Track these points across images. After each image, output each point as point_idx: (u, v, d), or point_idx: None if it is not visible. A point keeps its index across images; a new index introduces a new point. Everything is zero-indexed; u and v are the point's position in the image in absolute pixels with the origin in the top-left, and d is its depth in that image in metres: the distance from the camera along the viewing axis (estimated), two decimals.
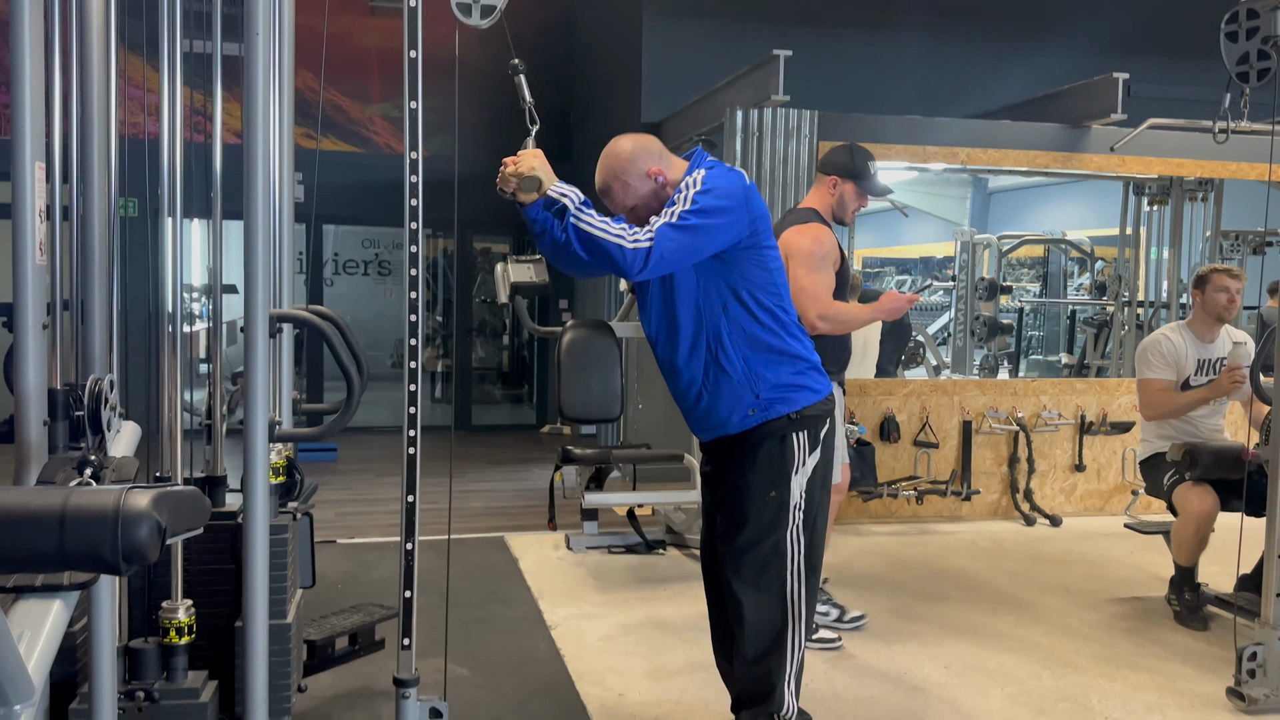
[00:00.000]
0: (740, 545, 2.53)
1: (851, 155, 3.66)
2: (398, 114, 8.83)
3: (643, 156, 2.53)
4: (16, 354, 1.58)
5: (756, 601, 2.52)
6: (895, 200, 9.02)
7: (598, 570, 4.69)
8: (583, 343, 4.72)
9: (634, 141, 2.56)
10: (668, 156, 2.57)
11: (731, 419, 2.53)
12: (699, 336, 2.51)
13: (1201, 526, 3.96)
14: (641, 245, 2.32)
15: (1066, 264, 10.25)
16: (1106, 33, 7.65)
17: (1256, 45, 3.75)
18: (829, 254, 3.56)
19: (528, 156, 2.43)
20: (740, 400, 2.51)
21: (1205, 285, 4.20)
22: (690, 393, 2.57)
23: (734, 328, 2.49)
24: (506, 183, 2.43)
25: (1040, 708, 3.23)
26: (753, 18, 7.19)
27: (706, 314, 2.49)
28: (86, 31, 2.04)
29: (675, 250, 2.35)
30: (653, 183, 2.51)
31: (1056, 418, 5.92)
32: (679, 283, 2.50)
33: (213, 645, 2.54)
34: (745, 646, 2.54)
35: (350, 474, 7.02)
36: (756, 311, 2.49)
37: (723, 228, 2.40)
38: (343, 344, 2.62)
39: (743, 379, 2.50)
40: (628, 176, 2.52)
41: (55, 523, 1.01)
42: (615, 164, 2.53)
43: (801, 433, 2.52)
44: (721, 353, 2.49)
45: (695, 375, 2.54)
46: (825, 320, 3.49)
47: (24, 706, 1.07)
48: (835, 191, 3.64)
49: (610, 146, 2.56)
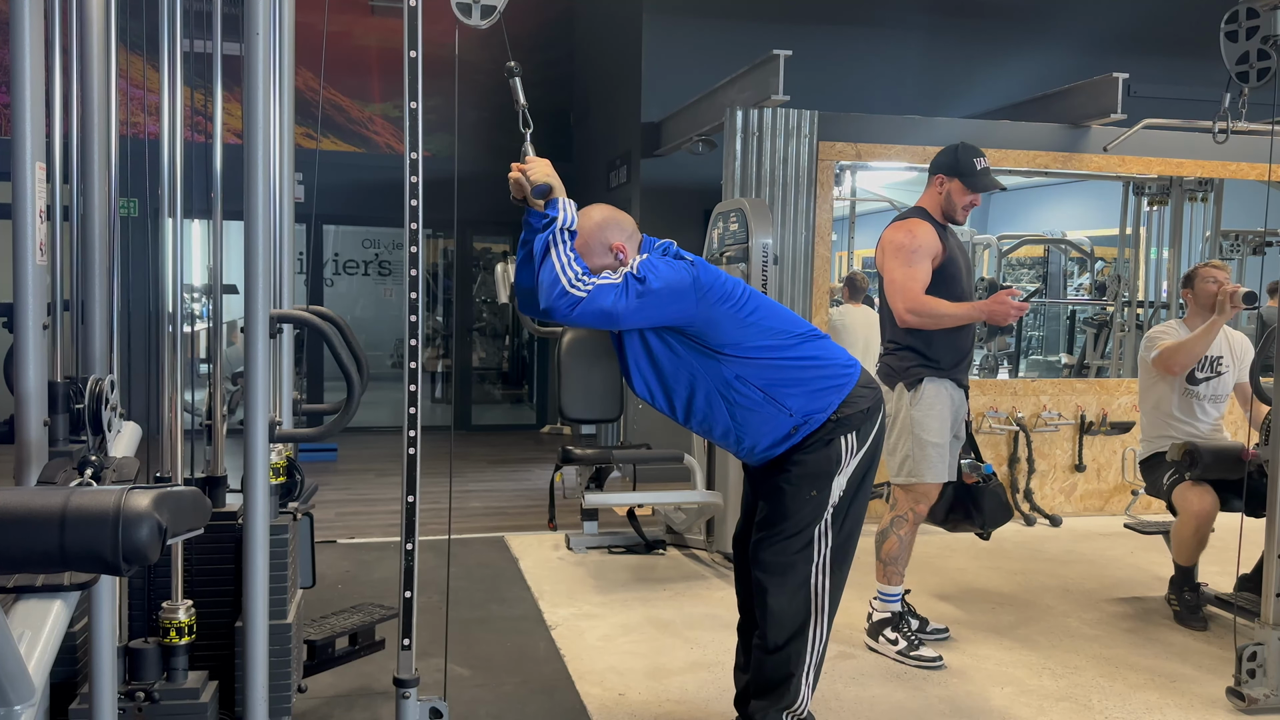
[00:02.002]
0: (772, 537, 2.58)
1: (956, 153, 3.63)
2: (398, 114, 8.83)
3: (611, 229, 2.55)
4: (16, 354, 1.58)
5: (780, 592, 2.57)
6: (894, 200, 9.02)
7: (598, 570, 4.69)
8: (583, 343, 4.73)
9: (607, 213, 2.58)
10: (635, 238, 2.59)
11: (778, 444, 2.57)
12: (709, 392, 2.55)
13: (1201, 526, 3.96)
14: (575, 292, 2.36)
15: (1066, 264, 10.25)
16: (1106, 33, 7.66)
17: (1256, 45, 3.75)
18: (923, 247, 3.54)
19: (540, 166, 2.46)
20: (778, 425, 2.55)
21: (1193, 281, 4.24)
22: (729, 438, 2.61)
23: (739, 370, 2.52)
24: (519, 188, 2.45)
25: (1040, 708, 3.23)
26: (753, 17, 7.19)
27: (707, 375, 2.53)
28: (86, 31, 2.04)
29: (601, 312, 2.38)
30: (611, 257, 2.54)
31: (1056, 418, 5.92)
32: (662, 361, 2.53)
33: (213, 645, 2.54)
34: (767, 636, 2.58)
35: (350, 474, 7.02)
36: (754, 354, 2.52)
37: (659, 308, 2.42)
38: (343, 344, 2.62)
39: (770, 408, 2.53)
40: (591, 240, 2.52)
41: (56, 523, 1.01)
42: (583, 225, 2.53)
43: (850, 434, 2.56)
44: (738, 395, 2.53)
45: (724, 422, 2.57)
46: (914, 314, 3.48)
47: (24, 707, 1.07)
48: (942, 190, 3.63)
49: (586, 210, 2.58)
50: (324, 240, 9.54)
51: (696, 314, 2.47)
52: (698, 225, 6.42)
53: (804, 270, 5.51)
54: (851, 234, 8.33)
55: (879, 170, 7.56)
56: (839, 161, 5.82)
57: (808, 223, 5.51)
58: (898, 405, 3.60)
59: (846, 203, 8.00)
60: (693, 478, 4.88)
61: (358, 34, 8.78)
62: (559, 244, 2.40)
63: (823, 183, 5.55)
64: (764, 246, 4.56)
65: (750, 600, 2.71)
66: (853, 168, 7.00)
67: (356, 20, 8.69)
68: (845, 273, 8.30)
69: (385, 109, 9.01)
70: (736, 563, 2.83)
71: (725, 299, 2.50)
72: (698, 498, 4.78)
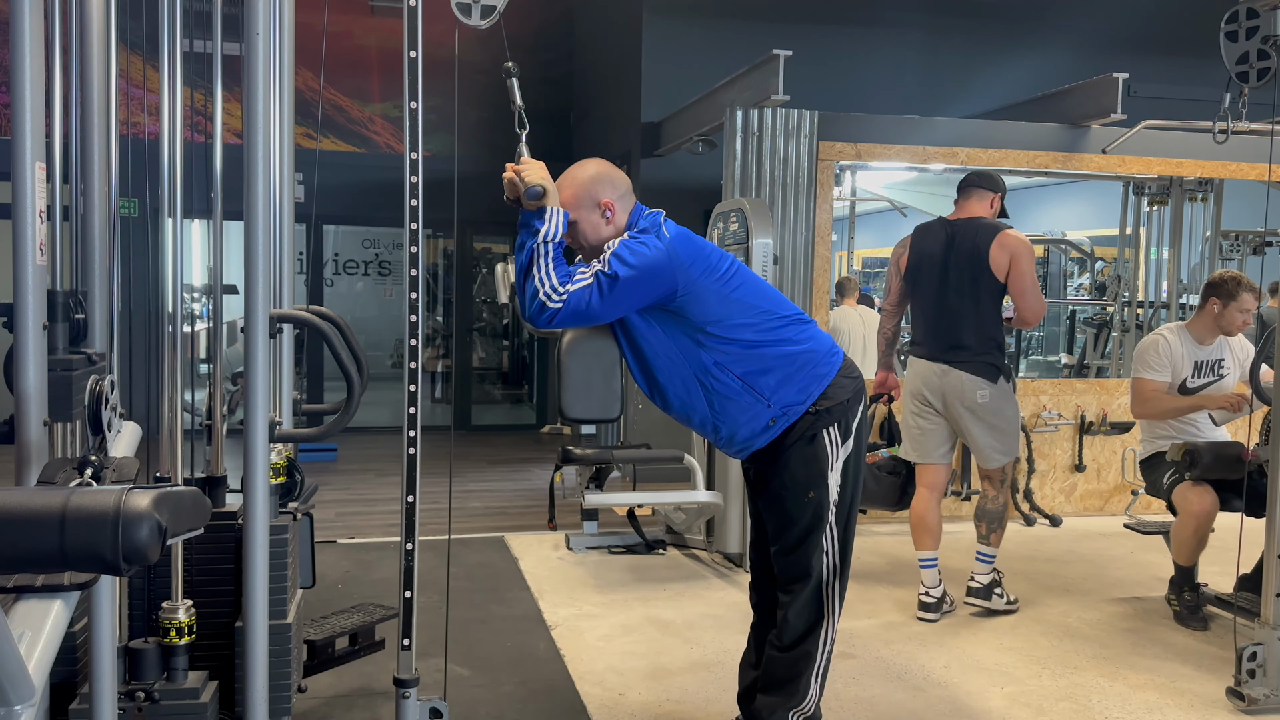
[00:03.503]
0: (785, 547, 2.59)
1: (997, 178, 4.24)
2: (398, 114, 8.83)
3: (603, 184, 2.53)
4: (16, 354, 1.58)
5: (795, 598, 2.58)
6: (894, 200, 9.02)
7: (598, 570, 4.69)
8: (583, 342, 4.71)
9: (601, 168, 2.56)
10: (627, 199, 2.57)
11: (756, 436, 2.55)
12: (686, 378, 2.53)
13: (1201, 526, 3.96)
14: (552, 305, 2.40)
15: (1066, 264, 10.25)
16: (1106, 33, 7.65)
17: (1256, 45, 3.75)
18: None
19: (535, 168, 2.45)
20: (756, 416, 2.53)
21: (1229, 301, 4.06)
22: (706, 427, 2.60)
23: (718, 355, 2.50)
24: (512, 189, 2.45)
25: (1040, 708, 3.23)
26: (753, 17, 7.19)
27: (686, 355, 2.51)
28: (86, 31, 2.04)
29: (578, 314, 2.43)
30: (599, 214, 2.52)
31: (1056, 418, 5.92)
32: (641, 339, 2.53)
33: (213, 645, 2.54)
34: (782, 635, 2.60)
35: (350, 474, 7.02)
36: (732, 334, 2.49)
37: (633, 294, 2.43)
38: (343, 344, 2.62)
39: (748, 397, 2.51)
40: (581, 193, 2.52)
41: (56, 523, 1.01)
42: (576, 176, 2.54)
43: (831, 427, 2.54)
44: (716, 382, 2.51)
45: (702, 410, 2.56)
46: (1037, 319, 4.04)
47: (24, 707, 1.07)
48: (994, 208, 4.14)
49: (582, 162, 2.58)
50: (324, 240, 9.54)
51: (678, 289, 2.44)
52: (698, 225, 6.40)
53: (804, 270, 5.51)
54: (851, 234, 8.33)
55: (879, 170, 7.56)
56: (839, 161, 5.81)
57: (808, 223, 5.51)
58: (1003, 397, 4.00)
59: (846, 203, 8.00)
60: (693, 478, 4.88)
61: (358, 34, 8.78)
62: (541, 256, 2.40)
63: (823, 183, 5.54)
64: (764, 247, 4.56)
65: (765, 602, 2.73)
66: (853, 168, 6.99)
67: (356, 20, 8.69)
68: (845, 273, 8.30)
69: (385, 109, 9.01)
70: (754, 565, 2.82)
71: (708, 272, 2.47)
72: (698, 498, 4.78)
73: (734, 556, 4.80)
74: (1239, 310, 4.07)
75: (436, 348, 10.26)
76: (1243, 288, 4.07)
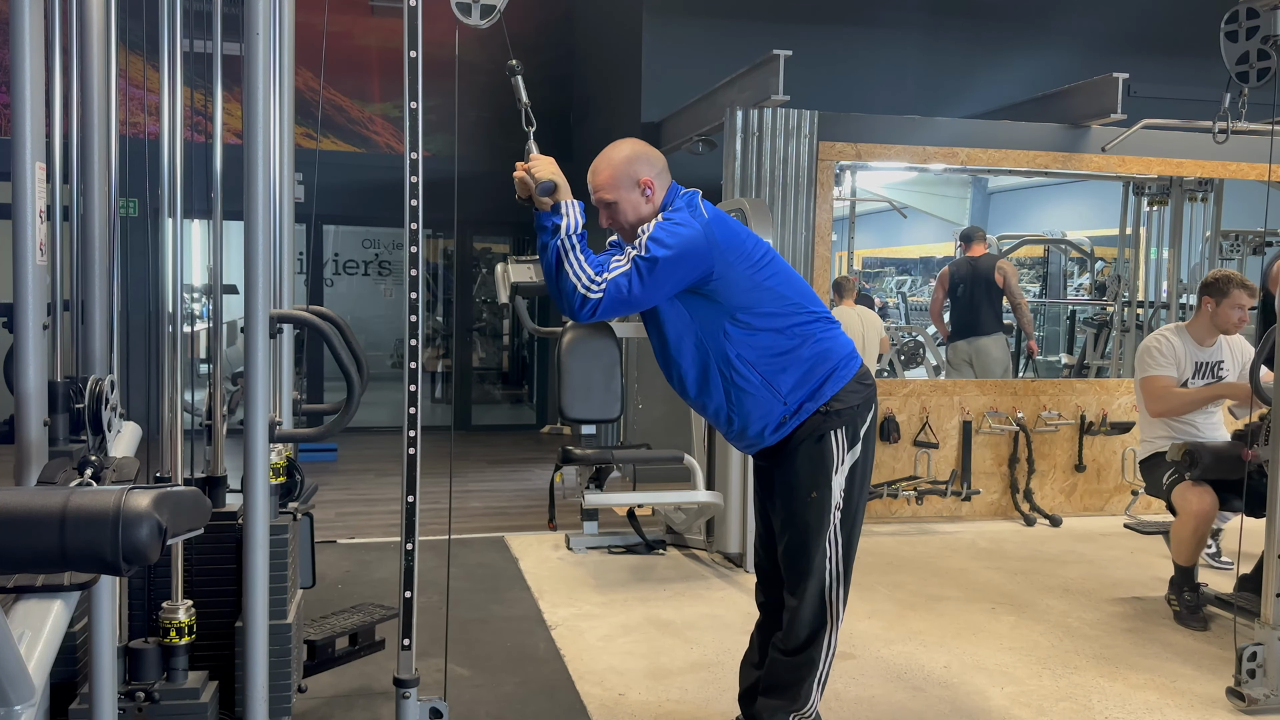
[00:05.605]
0: (789, 549, 2.59)
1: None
2: (398, 114, 8.83)
3: (640, 163, 2.53)
4: (16, 354, 1.58)
5: (800, 602, 2.58)
6: (894, 200, 9.02)
7: (598, 570, 4.69)
8: (583, 343, 4.72)
9: (637, 148, 2.56)
10: (664, 176, 2.56)
11: (766, 432, 2.56)
12: (707, 366, 2.53)
13: (1200, 526, 3.96)
14: (593, 296, 2.37)
15: (1066, 264, 10.25)
16: (1106, 33, 7.65)
17: (1256, 45, 3.75)
18: None
19: (545, 164, 2.45)
20: (770, 412, 2.53)
21: (1221, 298, 4.08)
22: (720, 418, 2.60)
23: (740, 347, 2.50)
24: (524, 187, 2.44)
25: (1040, 708, 3.23)
26: (753, 17, 7.19)
27: (710, 343, 2.51)
28: (86, 31, 2.04)
29: (620, 302, 2.39)
30: (639, 193, 2.52)
31: (1056, 418, 5.92)
32: (667, 325, 2.53)
33: (213, 645, 2.54)
34: (787, 639, 2.60)
35: (350, 474, 7.02)
36: (757, 324, 2.49)
37: (673, 276, 2.42)
38: (343, 344, 2.62)
39: (765, 392, 2.51)
40: (620, 174, 2.52)
41: (56, 523, 1.01)
42: (612, 157, 2.54)
43: (839, 430, 2.54)
44: (736, 374, 2.51)
45: (719, 401, 2.56)
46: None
47: (24, 707, 1.07)
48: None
49: (616, 143, 2.58)
50: (324, 240, 9.54)
51: (714, 270, 2.44)
52: None
53: (804, 270, 5.51)
54: (851, 234, 8.33)
55: (879, 170, 7.56)
56: (839, 161, 5.82)
57: (808, 223, 5.51)
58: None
59: (846, 203, 8.01)
60: (693, 478, 4.87)
61: (358, 34, 8.78)
62: (568, 251, 2.39)
63: (823, 183, 5.55)
64: None
65: (771, 601, 2.73)
66: (853, 168, 6.99)
67: (356, 20, 8.68)
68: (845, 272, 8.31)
69: (385, 109, 9.01)
70: (759, 567, 2.82)
71: (743, 257, 2.47)
72: (698, 498, 4.78)
73: (734, 556, 4.80)
74: (1233, 307, 4.08)
75: (436, 348, 10.26)
76: (1234, 285, 4.08)
